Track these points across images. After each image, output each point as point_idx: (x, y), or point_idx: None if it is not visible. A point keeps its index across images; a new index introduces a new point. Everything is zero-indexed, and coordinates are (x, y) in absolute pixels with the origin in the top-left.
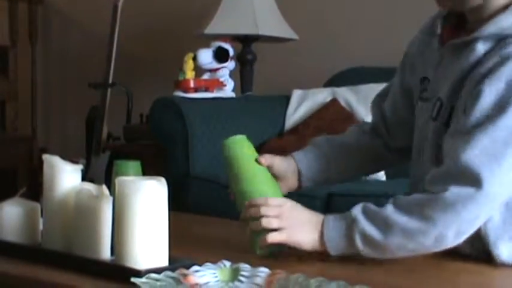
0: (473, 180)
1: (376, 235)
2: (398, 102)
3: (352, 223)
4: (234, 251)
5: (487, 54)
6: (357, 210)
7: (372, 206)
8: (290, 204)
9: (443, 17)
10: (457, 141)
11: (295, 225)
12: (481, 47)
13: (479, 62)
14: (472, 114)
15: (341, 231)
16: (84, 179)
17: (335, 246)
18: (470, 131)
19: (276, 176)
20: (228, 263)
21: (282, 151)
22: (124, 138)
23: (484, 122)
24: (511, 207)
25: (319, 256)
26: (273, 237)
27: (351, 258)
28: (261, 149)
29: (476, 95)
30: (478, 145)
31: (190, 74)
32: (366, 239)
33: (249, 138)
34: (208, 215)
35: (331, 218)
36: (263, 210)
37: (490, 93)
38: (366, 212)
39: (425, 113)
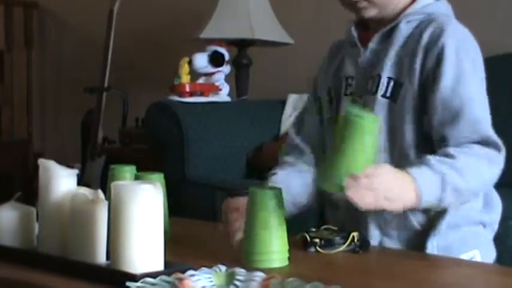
0: (495, 146)
1: (463, 183)
2: (314, 121)
3: (444, 177)
4: (230, 255)
5: (415, 29)
6: (438, 164)
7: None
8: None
9: (355, 26)
10: (452, 109)
11: (391, 194)
12: (404, 26)
13: (412, 34)
14: (445, 76)
15: (436, 186)
16: (79, 183)
17: (427, 201)
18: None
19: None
20: (223, 268)
21: (278, 155)
22: (119, 142)
23: (462, 84)
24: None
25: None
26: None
27: (345, 263)
28: (257, 153)
29: (438, 55)
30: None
31: (185, 78)
32: (456, 190)
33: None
34: (204, 218)
35: (420, 175)
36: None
37: (450, 51)
38: (445, 163)
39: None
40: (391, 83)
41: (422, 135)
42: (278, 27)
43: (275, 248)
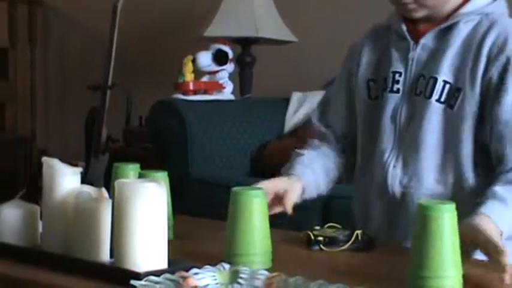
0: None
1: None
2: (341, 112)
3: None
4: None
5: (475, 31)
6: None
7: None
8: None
9: (401, 19)
10: None
11: None
12: (463, 27)
13: (473, 37)
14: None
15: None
16: (83, 181)
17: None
18: None
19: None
20: (227, 266)
21: (282, 153)
22: (123, 141)
23: None
24: None
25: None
26: None
27: (349, 261)
28: (260, 151)
29: (505, 65)
30: None
31: (189, 77)
32: None
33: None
34: (208, 217)
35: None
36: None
37: None
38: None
39: (402, 103)
40: (447, 87)
41: (479, 145)
42: (282, 25)
43: (258, 250)
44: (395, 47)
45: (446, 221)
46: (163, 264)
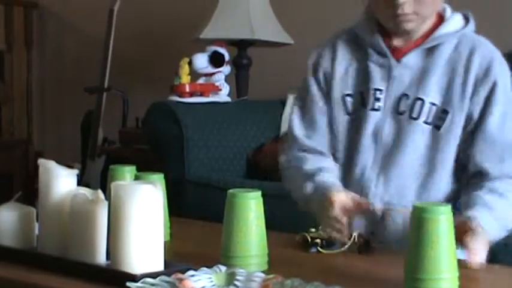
0: None
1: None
2: (324, 121)
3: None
4: None
5: (454, 55)
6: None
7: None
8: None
9: (377, 31)
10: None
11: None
12: (447, 47)
13: (454, 62)
14: (496, 109)
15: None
16: (79, 183)
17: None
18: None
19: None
20: (223, 268)
21: (278, 155)
22: (120, 143)
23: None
24: None
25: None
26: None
27: (346, 263)
28: (257, 153)
29: (491, 88)
30: None
31: (185, 79)
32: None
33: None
34: (204, 219)
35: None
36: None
37: (502, 83)
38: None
39: (383, 122)
40: (434, 109)
41: (459, 160)
42: (278, 27)
43: (254, 252)
44: (375, 63)
45: (442, 223)
46: (160, 266)
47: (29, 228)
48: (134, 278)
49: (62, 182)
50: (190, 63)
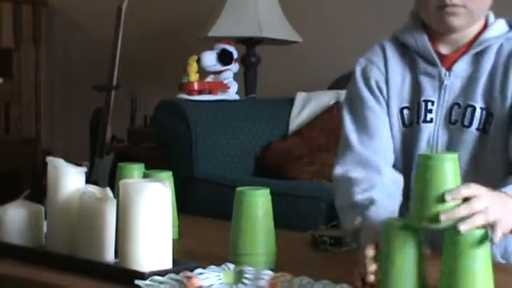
0: None
1: None
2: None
3: None
4: None
5: (497, 57)
6: None
7: None
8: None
9: (426, 38)
10: None
11: (503, 210)
12: (493, 51)
13: (497, 64)
14: None
15: None
16: (88, 181)
17: None
18: None
19: None
20: (231, 266)
21: (286, 154)
22: (128, 141)
23: None
24: None
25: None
26: (501, 227)
27: (353, 262)
28: (265, 151)
29: None
30: None
31: (194, 77)
32: None
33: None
34: (212, 217)
35: None
36: (480, 205)
37: None
38: None
39: (437, 133)
40: (484, 114)
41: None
42: (286, 25)
43: (262, 250)
44: (424, 73)
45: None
46: (168, 264)
47: (37, 226)
48: (143, 276)
49: (70, 180)
50: (198, 61)
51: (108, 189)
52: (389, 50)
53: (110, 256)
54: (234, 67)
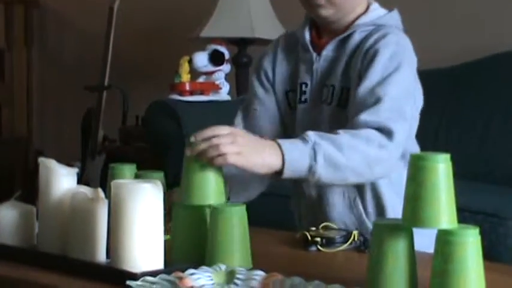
0: (388, 133)
1: (339, 157)
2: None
3: (315, 145)
4: None
5: (364, 38)
6: (313, 136)
7: (323, 133)
8: (241, 131)
9: (307, 29)
10: (366, 101)
11: (252, 149)
12: (357, 36)
13: (361, 43)
14: (372, 74)
15: (304, 152)
16: (79, 181)
17: (294, 167)
18: (375, 92)
19: None
20: (223, 266)
21: None
22: (120, 141)
23: (383, 81)
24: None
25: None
26: (233, 159)
27: (346, 261)
28: None
29: (372, 56)
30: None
31: (185, 77)
32: (330, 161)
33: None
34: None
35: (287, 141)
36: (217, 140)
37: (384, 53)
38: (322, 136)
39: (309, 113)
40: (343, 92)
41: None
42: (278, 25)
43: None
44: (302, 60)
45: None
46: (160, 265)
47: (29, 226)
48: (134, 276)
49: (62, 180)
50: (190, 61)
51: (99, 189)
52: (282, 42)
53: (101, 256)
54: (226, 68)
